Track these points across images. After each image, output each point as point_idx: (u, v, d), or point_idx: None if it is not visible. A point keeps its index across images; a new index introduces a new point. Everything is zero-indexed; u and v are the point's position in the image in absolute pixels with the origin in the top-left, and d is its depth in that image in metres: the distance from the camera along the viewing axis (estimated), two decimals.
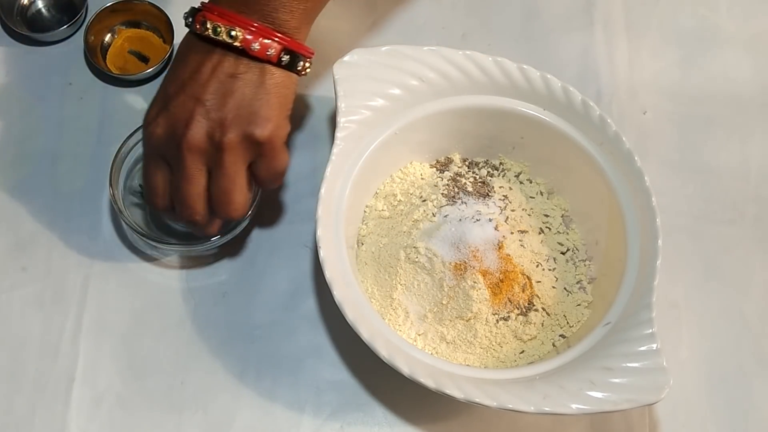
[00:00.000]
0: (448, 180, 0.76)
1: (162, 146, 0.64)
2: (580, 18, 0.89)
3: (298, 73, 0.65)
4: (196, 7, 0.64)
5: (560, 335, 0.72)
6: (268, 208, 0.78)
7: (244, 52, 0.62)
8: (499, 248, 0.70)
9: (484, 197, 0.75)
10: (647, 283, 0.66)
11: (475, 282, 0.68)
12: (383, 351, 0.62)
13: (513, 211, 0.75)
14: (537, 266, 0.73)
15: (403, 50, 0.71)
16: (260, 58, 0.62)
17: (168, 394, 0.72)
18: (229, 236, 0.73)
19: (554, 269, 0.75)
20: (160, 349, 0.73)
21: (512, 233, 0.73)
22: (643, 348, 0.63)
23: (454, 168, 0.77)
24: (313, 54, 0.65)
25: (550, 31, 0.88)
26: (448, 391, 0.61)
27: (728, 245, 0.81)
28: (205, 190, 0.65)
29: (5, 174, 0.78)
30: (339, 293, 0.64)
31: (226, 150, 0.62)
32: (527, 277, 0.72)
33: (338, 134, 0.69)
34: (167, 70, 0.68)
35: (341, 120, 0.69)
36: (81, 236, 0.76)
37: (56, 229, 0.76)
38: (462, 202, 0.73)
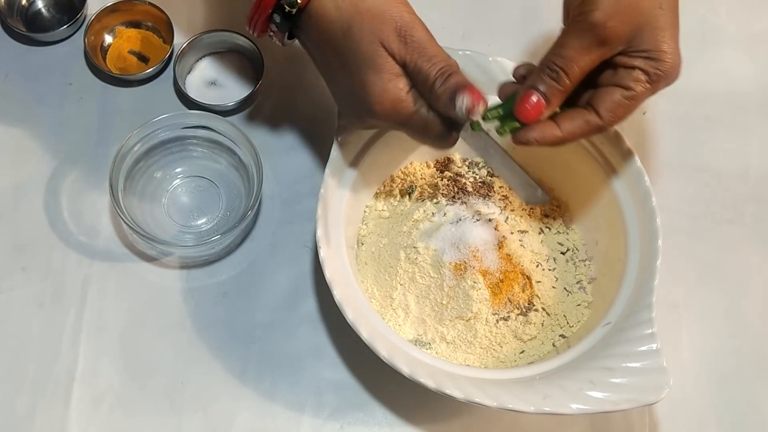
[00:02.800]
0: (448, 180, 0.76)
1: None
2: None
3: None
4: None
5: (560, 335, 0.72)
6: (268, 208, 0.79)
7: None
8: (499, 248, 0.70)
9: (484, 197, 0.75)
10: (647, 283, 0.66)
11: (475, 282, 0.68)
12: (383, 351, 0.62)
13: (513, 211, 0.75)
14: (537, 266, 0.73)
15: None
16: None
17: (168, 395, 0.72)
18: (229, 236, 0.74)
19: (554, 269, 0.75)
20: (160, 349, 0.73)
21: (512, 233, 0.73)
22: (643, 348, 0.63)
23: (454, 168, 0.77)
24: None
25: (550, 31, 0.88)
26: (448, 391, 0.61)
27: (728, 245, 0.81)
28: None
29: (5, 174, 0.78)
30: (339, 293, 0.64)
31: None
32: (527, 277, 0.72)
33: (338, 134, 0.69)
34: None
35: (341, 120, 0.69)
36: (81, 236, 0.77)
37: (56, 229, 0.76)
38: (462, 202, 0.73)
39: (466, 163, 0.78)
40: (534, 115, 0.61)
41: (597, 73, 0.62)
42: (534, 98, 0.60)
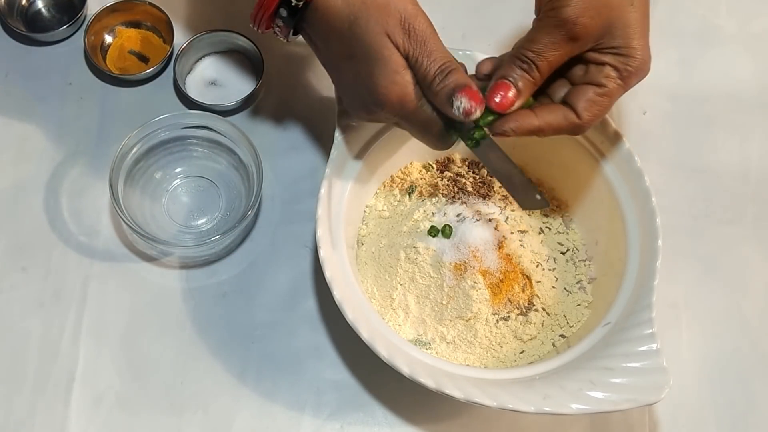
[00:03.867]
0: (448, 180, 0.76)
1: None
2: None
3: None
4: None
5: (560, 335, 0.72)
6: (268, 208, 0.79)
7: None
8: (499, 248, 0.70)
9: (484, 197, 0.75)
10: (647, 283, 0.66)
11: (475, 282, 0.69)
12: (383, 351, 0.62)
13: (513, 211, 0.75)
14: (537, 266, 0.73)
15: None
16: None
17: (168, 394, 0.72)
18: (229, 236, 0.73)
19: (554, 269, 0.75)
20: (160, 349, 0.73)
21: (512, 233, 0.73)
22: (643, 348, 0.63)
23: (454, 168, 0.77)
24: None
25: None
26: (448, 391, 0.61)
27: (728, 245, 0.81)
28: None
29: (5, 174, 0.78)
30: (339, 293, 0.64)
31: None
32: (527, 277, 0.72)
33: (338, 134, 0.69)
34: None
35: (341, 120, 0.69)
36: (81, 236, 0.77)
37: (56, 229, 0.76)
38: (462, 202, 0.73)
39: (466, 163, 0.78)
40: (506, 105, 0.61)
41: (567, 67, 0.63)
42: (506, 88, 0.61)
